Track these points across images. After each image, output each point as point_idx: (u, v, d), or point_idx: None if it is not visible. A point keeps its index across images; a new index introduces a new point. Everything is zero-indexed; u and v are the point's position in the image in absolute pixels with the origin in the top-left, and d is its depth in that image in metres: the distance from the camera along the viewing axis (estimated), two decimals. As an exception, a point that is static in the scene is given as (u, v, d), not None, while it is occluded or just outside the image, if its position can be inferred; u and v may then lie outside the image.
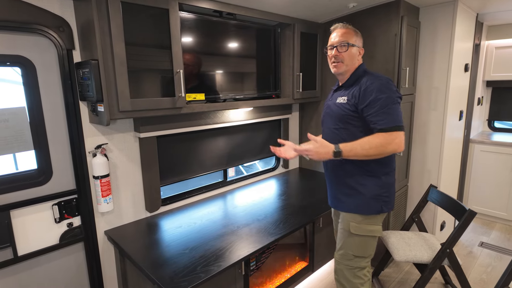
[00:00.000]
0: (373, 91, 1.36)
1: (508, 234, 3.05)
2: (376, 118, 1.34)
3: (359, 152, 1.32)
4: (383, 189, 1.46)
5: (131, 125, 1.74)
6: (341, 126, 1.48)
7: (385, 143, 1.30)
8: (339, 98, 1.52)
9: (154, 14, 1.49)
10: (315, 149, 1.35)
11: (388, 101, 1.33)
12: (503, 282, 1.41)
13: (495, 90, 3.68)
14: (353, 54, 1.49)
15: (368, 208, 1.46)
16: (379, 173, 1.45)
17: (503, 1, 2.39)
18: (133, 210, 1.80)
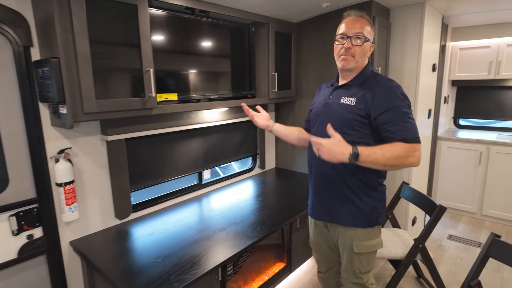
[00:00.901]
0: (392, 98, 1.22)
1: (473, 226, 3.21)
2: (396, 127, 1.20)
3: (379, 159, 1.16)
4: (378, 201, 1.36)
5: (97, 128, 1.63)
6: (345, 131, 1.27)
7: (406, 155, 1.17)
8: (344, 98, 1.33)
9: (122, 10, 1.40)
10: (329, 145, 1.15)
11: (407, 109, 1.23)
12: (472, 275, 1.46)
13: (460, 89, 3.87)
14: (366, 50, 1.32)
15: (366, 220, 1.34)
16: (376, 184, 1.34)
17: (466, 5, 2.50)
18: (102, 218, 1.69)
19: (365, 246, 1.36)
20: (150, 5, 1.58)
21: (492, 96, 3.66)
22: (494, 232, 1.44)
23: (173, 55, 1.79)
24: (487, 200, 3.27)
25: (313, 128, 1.46)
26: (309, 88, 2.55)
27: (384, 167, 1.20)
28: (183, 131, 2.03)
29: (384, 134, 1.24)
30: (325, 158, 1.17)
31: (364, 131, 1.27)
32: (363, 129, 1.27)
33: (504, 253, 1.40)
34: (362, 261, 1.39)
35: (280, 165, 2.91)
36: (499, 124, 3.83)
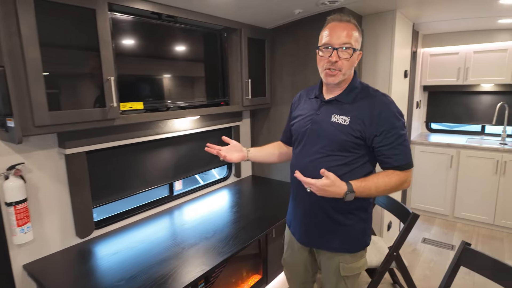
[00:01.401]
0: (389, 118, 1.13)
1: (446, 228, 3.28)
2: (392, 152, 1.14)
3: (373, 193, 1.14)
4: (367, 222, 1.29)
5: (54, 140, 1.51)
6: (338, 154, 1.18)
7: (400, 184, 1.15)
8: (336, 116, 1.19)
9: (79, 14, 1.30)
10: (324, 186, 1.07)
11: (403, 131, 1.15)
12: (444, 284, 1.45)
13: (431, 94, 3.97)
14: (354, 61, 1.18)
15: (355, 245, 1.26)
16: (365, 205, 1.26)
17: (434, 13, 2.55)
18: (61, 237, 1.56)
19: (352, 268, 1.28)
20: (112, 10, 1.48)
21: (461, 101, 3.78)
22: (464, 240, 1.45)
23: (140, 61, 1.70)
24: (459, 202, 3.36)
25: (298, 146, 1.31)
26: (284, 94, 2.52)
27: (377, 195, 1.21)
28: (151, 141, 1.93)
29: (378, 157, 1.18)
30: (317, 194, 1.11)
31: (359, 152, 1.18)
32: (358, 150, 1.18)
33: (474, 261, 1.40)
34: (347, 283, 1.30)
35: (256, 173, 2.85)
36: (468, 128, 3.97)
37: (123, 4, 1.48)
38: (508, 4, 2.08)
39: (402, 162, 1.15)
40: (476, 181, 3.23)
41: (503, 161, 3.06)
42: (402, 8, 2.31)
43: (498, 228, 3.19)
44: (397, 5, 2.23)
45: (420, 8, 2.38)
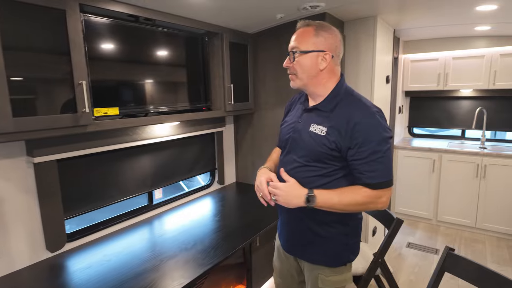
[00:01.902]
0: (365, 130, 1.05)
1: (429, 232, 3.30)
2: (364, 167, 1.06)
3: (336, 206, 1.08)
4: (350, 237, 1.20)
5: (22, 148, 1.42)
6: (315, 165, 1.14)
7: (368, 202, 1.07)
8: (314, 125, 1.15)
9: (48, 15, 1.23)
10: (285, 190, 1.08)
11: (381, 146, 1.05)
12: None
13: (413, 99, 4.04)
14: (306, 64, 1.13)
15: (335, 259, 1.20)
16: (346, 219, 1.18)
17: (414, 20, 2.59)
18: (29, 252, 1.46)
19: (332, 281, 1.22)
20: (83, 11, 1.42)
21: (442, 106, 3.85)
22: (447, 245, 1.43)
23: (117, 66, 1.63)
24: (441, 206, 3.40)
25: (282, 153, 1.30)
26: (268, 99, 2.49)
27: (345, 211, 1.11)
28: (129, 148, 1.86)
29: (352, 172, 1.10)
30: (281, 203, 1.10)
31: (338, 164, 1.12)
32: (336, 162, 1.12)
33: (458, 267, 1.39)
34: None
35: (240, 179, 2.80)
36: (448, 132, 4.05)
37: (96, 6, 1.42)
38: (484, 11, 2.13)
39: (374, 180, 1.06)
40: (458, 185, 3.28)
41: (483, 165, 3.12)
42: (382, 14, 2.33)
43: (479, 231, 3.24)
44: (378, 11, 2.25)
45: (400, 15, 2.41)
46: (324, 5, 1.93)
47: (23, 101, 1.19)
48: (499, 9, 2.06)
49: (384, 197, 1.08)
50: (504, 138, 3.81)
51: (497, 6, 1.98)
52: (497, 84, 3.22)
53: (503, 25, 2.63)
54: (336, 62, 1.17)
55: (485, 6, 2.00)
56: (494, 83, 3.23)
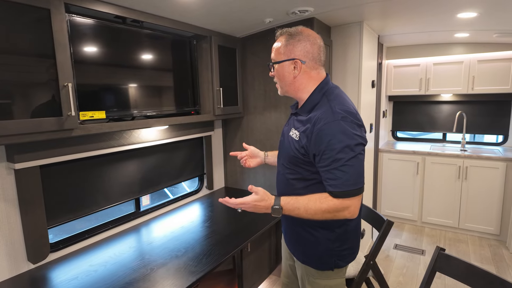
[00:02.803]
0: (327, 136, 1.02)
1: (415, 234, 3.37)
2: (326, 175, 1.05)
3: (303, 215, 1.07)
4: (337, 243, 1.17)
5: (1, 153, 1.34)
6: (291, 168, 1.18)
7: (334, 211, 1.05)
8: (293, 130, 1.19)
9: (31, 14, 1.18)
10: (252, 203, 1.09)
11: (343, 154, 1.01)
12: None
13: (396, 104, 4.14)
14: (282, 73, 1.17)
15: (319, 262, 1.20)
16: (331, 225, 1.16)
17: (396, 26, 2.66)
18: (9, 264, 1.38)
19: (320, 285, 1.22)
20: (69, 11, 1.37)
21: (424, 110, 3.97)
22: (434, 245, 1.46)
23: (103, 68, 1.58)
24: (426, 207, 3.48)
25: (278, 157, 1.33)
26: (257, 104, 2.48)
27: (314, 219, 1.09)
28: (115, 153, 1.80)
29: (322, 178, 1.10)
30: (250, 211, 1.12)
31: (310, 169, 1.12)
32: (308, 167, 1.13)
33: (449, 267, 1.42)
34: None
35: (229, 184, 2.77)
36: (430, 135, 4.17)
37: (82, 6, 1.37)
38: (465, 18, 2.21)
39: (336, 188, 1.03)
40: (441, 187, 3.37)
41: (464, 167, 3.22)
42: (368, 20, 2.38)
43: (462, 231, 3.33)
44: (364, 17, 2.30)
45: (384, 20, 2.47)
46: (312, 10, 1.95)
47: (3, 104, 1.13)
48: (478, 17, 2.15)
49: (352, 206, 1.05)
50: (482, 141, 3.96)
51: (477, 13, 2.07)
52: (476, 89, 3.35)
53: (480, 32, 2.74)
54: (312, 66, 1.16)
55: (466, 13, 2.08)
56: (473, 88, 3.36)
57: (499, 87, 3.26)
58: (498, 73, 3.24)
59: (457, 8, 1.99)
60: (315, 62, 1.16)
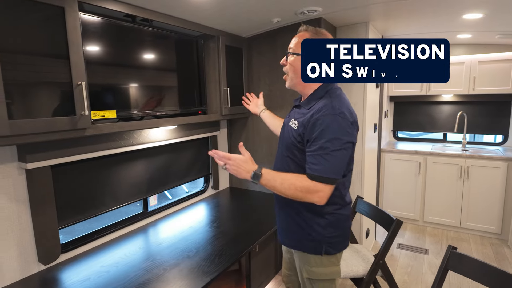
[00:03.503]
0: (321, 126, 1.11)
1: (417, 233, 3.39)
2: (310, 159, 1.13)
3: (277, 187, 1.14)
4: (327, 230, 1.23)
5: (13, 154, 1.33)
6: (288, 154, 1.25)
7: (306, 192, 1.11)
8: (293, 120, 1.27)
9: (45, 13, 1.17)
10: (237, 161, 1.15)
11: (330, 144, 1.09)
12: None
13: (397, 104, 4.16)
14: (297, 66, 1.21)
15: (312, 247, 1.25)
16: (321, 212, 1.22)
17: (402, 27, 2.68)
18: (20, 265, 1.36)
19: (316, 273, 1.27)
20: (82, 10, 1.36)
21: (425, 110, 3.99)
22: (441, 244, 1.47)
23: (112, 67, 1.57)
24: (427, 207, 3.50)
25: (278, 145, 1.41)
26: (262, 103, 2.48)
27: (284, 195, 1.15)
28: (124, 153, 1.78)
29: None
30: (232, 173, 1.17)
31: (304, 156, 1.19)
32: (303, 154, 1.19)
33: (461, 265, 1.43)
34: (314, 286, 1.29)
35: (234, 185, 2.76)
36: (431, 135, 4.20)
37: (95, 4, 1.36)
38: (470, 19, 2.23)
39: (314, 172, 1.11)
40: (443, 186, 3.39)
41: (466, 167, 3.25)
42: (374, 21, 2.40)
43: (464, 230, 3.36)
44: (370, 18, 2.31)
45: (389, 21, 2.48)
46: (321, 10, 1.96)
47: (19, 103, 1.12)
48: (484, 18, 2.17)
49: (322, 192, 1.11)
50: (481, 140, 4.00)
51: (483, 14, 2.09)
52: (477, 89, 3.38)
53: (483, 33, 2.77)
54: None
55: (472, 15, 2.10)
56: (474, 88, 3.39)
57: (500, 87, 3.29)
58: (499, 74, 3.27)
59: (464, 9, 2.01)
60: None
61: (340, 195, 1.25)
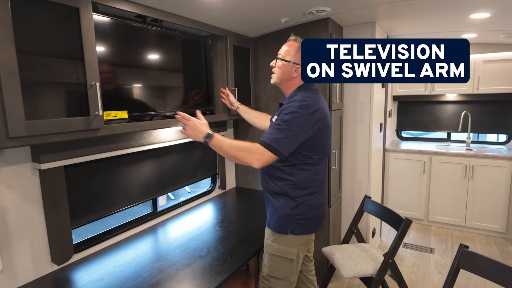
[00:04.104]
0: (287, 110, 1.33)
1: (422, 232, 3.40)
2: (267, 130, 1.36)
3: (224, 146, 1.33)
4: (296, 211, 1.40)
5: (27, 154, 1.33)
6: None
7: (247, 151, 1.31)
8: (275, 116, 1.44)
9: (60, 13, 1.17)
10: (196, 122, 1.38)
11: (286, 124, 1.30)
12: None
13: (400, 104, 4.17)
14: (284, 70, 1.46)
15: (277, 225, 1.43)
16: (292, 194, 1.40)
17: (408, 27, 2.69)
18: (33, 266, 1.36)
19: (273, 247, 1.44)
20: (95, 10, 1.36)
21: (428, 110, 4.00)
22: (463, 243, 1.47)
23: (121, 68, 1.57)
24: (432, 206, 3.51)
25: None
26: (268, 103, 2.49)
27: (228, 156, 1.34)
28: (134, 154, 1.78)
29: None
30: (187, 134, 1.40)
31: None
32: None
33: (473, 264, 1.43)
34: (270, 260, 1.47)
35: (240, 185, 2.77)
36: (434, 135, 4.21)
37: (107, 4, 1.36)
38: (477, 19, 2.24)
39: (263, 138, 1.31)
40: (447, 186, 3.40)
41: (471, 166, 3.26)
42: (380, 21, 2.40)
43: (469, 229, 3.37)
44: (377, 17, 2.31)
45: (395, 21, 2.49)
46: (329, 10, 1.96)
47: (35, 104, 1.12)
48: (491, 17, 2.18)
49: (260, 155, 1.29)
50: (484, 140, 4.01)
51: (490, 14, 2.09)
52: (481, 89, 3.39)
53: (488, 33, 2.78)
54: None
55: (479, 14, 2.11)
56: (478, 87, 3.40)
57: (504, 87, 3.30)
58: (503, 73, 3.28)
59: (472, 8, 2.01)
60: None
61: (308, 180, 1.41)
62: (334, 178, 2.46)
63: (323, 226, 2.43)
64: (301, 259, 1.51)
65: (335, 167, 2.45)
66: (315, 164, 1.42)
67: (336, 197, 2.55)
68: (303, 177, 1.40)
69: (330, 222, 2.44)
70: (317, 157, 1.42)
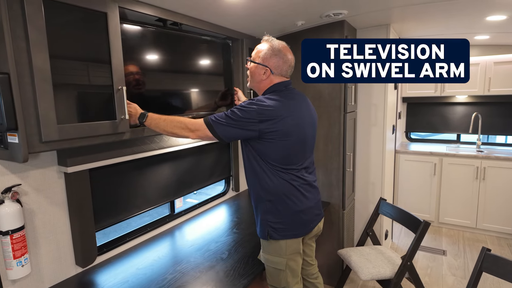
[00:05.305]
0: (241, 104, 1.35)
1: (433, 234, 3.39)
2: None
3: (161, 124, 1.35)
4: (269, 216, 1.38)
5: (53, 158, 1.34)
6: (243, 147, 1.44)
7: (185, 125, 1.33)
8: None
9: (89, 18, 1.18)
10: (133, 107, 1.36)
11: (232, 113, 1.30)
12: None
13: (410, 105, 4.17)
14: (254, 71, 1.45)
15: (260, 230, 1.43)
16: (264, 197, 1.39)
17: (418, 30, 2.70)
18: (58, 268, 1.37)
19: (265, 258, 1.43)
20: (122, 17, 1.37)
21: (438, 111, 4.00)
22: (485, 246, 1.47)
23: (149, 72, 1.58)
24: (443, 208, 3.50)
25: None
26: (282, 106, 2.49)
27: (165, 131, 1.35)
28: (153, 156, 1.79)
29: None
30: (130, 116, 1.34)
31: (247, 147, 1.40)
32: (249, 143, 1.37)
33: (495, 267, 1.43)
34: (268, 271, 1.45)
35: (252, 186, 2.77)
36: (443, 136, 4.20)
37: (131, 9, 1.38)
38: (493, 21, 2.24)
39: (209, 117, 1.33)
40: (458, 187, 3.40)
41: (482, 167, 3.25)
42: (394, 23, 2.40)
43: (480, 231, 3.36)
44: (391, 20, 2.31)
45: (409, 23, 2.48)
46: (346, 13, 1.97)
47: (65, 108, 1.13)
48: (507, 19, 2.17)
49: (199, 131, 1.33)
50: (494, 141, 4.00)
51: (507, 16, 2.09)
52: (492, 90, 3.38)
53: (500, 34, 2.78)
54: (277, 76, 1.43)
55: (496, 16, 2.11)
56: (489, 89, 3.39)
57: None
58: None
59: (489, 11, 2.01)
60: (281, 75, 1.44)
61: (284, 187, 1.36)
62: (348, 180, 2.47)
63: (337, 228, 2.43)
64: (296, 268, 1.43)
65: (350, 169, 2.46)
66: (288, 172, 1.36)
67: (350, 199, 2.55)
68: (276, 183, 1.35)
69: (344, 224, 2.44)
70: (288, 166, 1.36)
